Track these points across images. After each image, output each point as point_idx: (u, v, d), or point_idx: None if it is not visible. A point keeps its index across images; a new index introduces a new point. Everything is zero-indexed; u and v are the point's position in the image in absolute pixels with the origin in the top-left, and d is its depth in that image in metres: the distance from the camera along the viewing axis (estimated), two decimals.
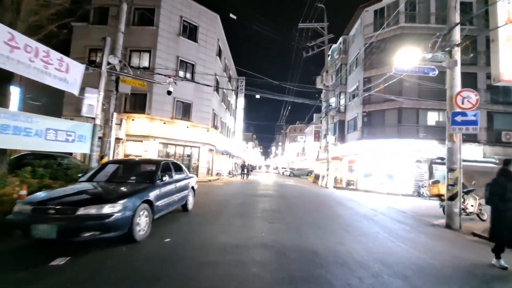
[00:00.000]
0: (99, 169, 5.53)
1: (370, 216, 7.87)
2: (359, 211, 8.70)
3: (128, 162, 6.43)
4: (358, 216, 7.80)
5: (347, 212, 8.42)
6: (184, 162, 19.53)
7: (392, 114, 17.97)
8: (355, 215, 7.96)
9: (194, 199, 7.58)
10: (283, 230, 5.34)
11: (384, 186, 17.41)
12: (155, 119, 17.67)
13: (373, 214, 8.36)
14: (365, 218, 7.46)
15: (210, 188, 13.49)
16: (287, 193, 12.99)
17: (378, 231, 5.90)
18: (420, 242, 5.44)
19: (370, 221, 7.15)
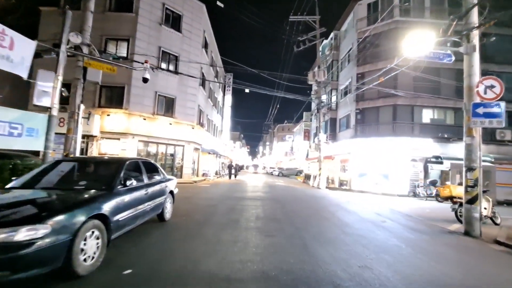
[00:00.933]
0: (42, 171, 4.14)
1: (379, 223, 6.86)
2: (364, 217, 7.69)
3: (82, 161, 5.04)
4: (366, 223, 6.77)
5: (351, 217, 7.38)
6: (167, 162, 18.04)
7: (386, 111, 17.29)
8: (362, 221, 6.92)
9: (174, 206, 6.30)
10: (286, 248, 4.17)
11: (379, 186, 16.67)
12: (134, 115, 16.08)
13: (380, 220, 7.37)
14: (375, 226, 6.44)
15: (195, 191, 12.16)
16: (280, 195, 11.87)
17: (398, 244, 4.86)
18: (450, 258, 4.46)
19: (382, 229, 6.13)
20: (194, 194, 10.61)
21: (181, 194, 10.38)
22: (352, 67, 19.76)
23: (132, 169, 4.47)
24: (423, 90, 16.87)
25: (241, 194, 11.47)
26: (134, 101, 16.14)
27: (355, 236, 5.14)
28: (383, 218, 7.69)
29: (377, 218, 7.55)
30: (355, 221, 6.94)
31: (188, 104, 18.95)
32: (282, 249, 4.08)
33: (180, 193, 10.84)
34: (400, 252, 4.41)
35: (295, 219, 6.64)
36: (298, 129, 47.19)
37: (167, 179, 5.77)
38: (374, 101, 17.67)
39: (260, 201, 9.57)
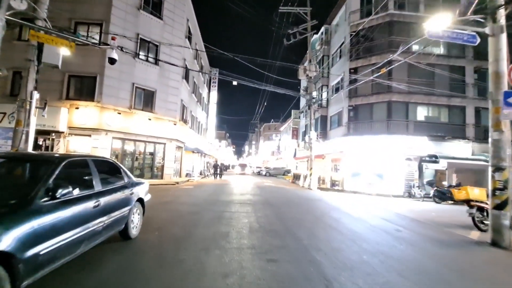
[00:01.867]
0: None
1: (394, 233, 5.82)
2: (374, 224, 6.65)
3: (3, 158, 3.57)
4: (381, 233, 5.71)
5: (360, 226, 6.31)
6: (146, 161, 16.42)
7: (380, 108, 16.56)
8: (375, 232, 5.86)
9: (148, 215, 4.96)
10: (298, 283, 2.96)
11: (373, 186, 15.90)
12: (108, 109, 14.36)
13: (393, 228, 6.34)
14: (393, 238, 5.38)
15: (176, 193, 10.74)
16: (272, 198, 10.69)
17: (437, 269, 3.79)
18: (498, 280, 3.44)
19: (403, 242, 5.08)
20: (175, 198, 9.20)
21: (159, 198, 8.97)
22: (344, 62, 18.93)
23: (75, 172, 3.11)
24: (418, 86, 16.28)
25: (229, 197, 10.18)
26: (107, 93, 14.41)
27: (380, 256, 4.02)
28: (394, 225, 6.68)
29: (388, 226, 6.52)
30: (367, 231, 5.86)
31: (170, 98, 17.38)
32: (294, 286, 2.86)
33: (158, 198, 9.42)
34: (441, 277, 3.33)
35: (297, 230, 5.46)
36: (286, 128, 46.38)
37: (133, 183, 4.40)
38: (368, 97, 16.90)
39: (251, 205, 8.34)
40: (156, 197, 9.42)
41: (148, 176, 16.31)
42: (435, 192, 13.37)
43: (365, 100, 16.97)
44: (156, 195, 10.42)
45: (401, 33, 16.53)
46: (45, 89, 14.29)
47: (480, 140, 16.22)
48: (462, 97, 16.52)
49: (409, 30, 16.66)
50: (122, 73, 14.99)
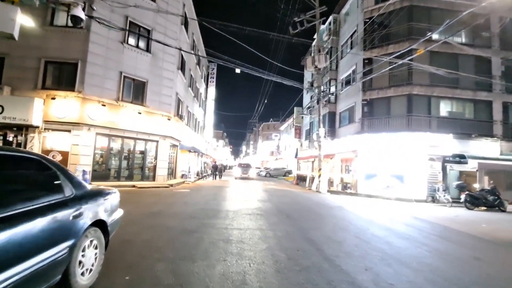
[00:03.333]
0: None
1: (471, 262, 4.06)
2: (439, 247, 4.88)
3: None
4: (460, 262, 3.94)
5: (425, 252, 4.54)
6: (136, 160, 14.52)
7: (399, 102, 14.87)
8: (446, 259, 4.09)
9: (121, 237, 3.15)
10: None
11: (391, 189, 14.19)
12: (91, 100, 12.45)
13: (466, 253, 4.59)
14: (476, 271, 3.62)
15: (169, 200, 8.89)
16: (284, 206, 8.89)
17: None
18: None
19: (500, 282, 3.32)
20: (166, 207, 7.36)
21: (146, 207, 7.13)
22: (356, 53, 17.23)
23: None
24: (440, 79, 14.63)
25: (233, 205, 8.36)
26: (90, 83, 12.50)
27: None
28: (467, 249, 4.93)
29: (460, 251, 4.77)
30: (441, 260, 4.09)
31: (164, 90, 15.50)
32: None
33: (144, 206, 7.54)
34: None
35: (347, 264, 3.64)
36: (286, 127, 44.69)
37: (83, 196, 2.57)
38: (385, 90, 15.21)
39: (263, 218, 6.52)
40: (143, 205, 7.61)
41: (138, 178, 14.41)
42: (466, 197, 11.69)
43: (382, 94, 15.28)
44: (143, 202, 8.55)
45: (422, 19, 14.89)
46: (17, 77, 12.35)
47: (508, 138, 14.62)
48: (488, 91, 14.91)
49: (430, 16, 15.04)
50: (108, 60, 13.10)
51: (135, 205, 7.38)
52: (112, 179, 13.41)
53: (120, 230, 3.67)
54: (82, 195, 2.55)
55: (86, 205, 2.53)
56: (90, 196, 2.67)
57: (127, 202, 7.95)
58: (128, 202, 7.88)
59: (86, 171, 12.08)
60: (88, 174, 12.16)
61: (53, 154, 12.38)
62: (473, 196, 11.67)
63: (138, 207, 7.16)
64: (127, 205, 7.47)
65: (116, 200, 3.27)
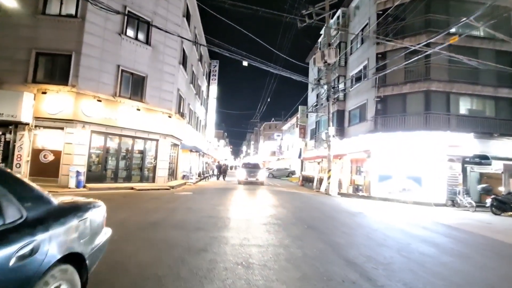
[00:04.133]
0: None
1: None
2: None
3: None
4: None
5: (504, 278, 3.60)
6: (134, 161, 13.59)
7: (416, 99, 13.94)
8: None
9: (108, 263, 2.22)
10: None
11: (408, 193, 13.26)
12: (86, 95, 11.51)
13: None
14: None
15: (170, 205, 7.95)
16: (301, 212, 7.94)
17: None
18: None
19: None
20: (167, 215, 6.40)
21: (144, 215, 6.17)
22: (368, 47, 16.31)
23: None
24: (460, 75, 13.72)
25: (243, 212, 7.41)
26: (86, 76, 11.56)
27: None
28: None
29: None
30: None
31: (164, 86, 14.55)
32: None
33: (142, 214, 6.34)
34: None
35: None
36: (289, 126, 43.77)
37: (46, 216, 1.64)
38: (400, 86, 14.27)
39: (283, 229, 5.57)
40: (141, 211, 6.66)
41: (136, 179, 13.47)
42: (493, 201, 10.77)
43: (397, 90, 14.34)
44: (141, 208, 7.47)
45: (440, 11, 13.96)
46: (5, 69, 11.31)
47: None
48: (510, 87, 13.97)
49: (449, 7, 14.11)
50: (105, 52, 12.15)
51: (131, 212, 6.44)
52: (108, 181, 12.47)
53: (111, 247, 2.74)
54: (41, 218, 1.61)
55: (46, 233, 1.59)
56: (55, 217, 1.73)
57: (123, 207, 7.04)
58: (124, 208, 6.94)
59: (80, 172, 11.15)
60: (82, 175, 11.22)
61: (45, 153, 11.45)
62: (500, 200, 10.76)
63: (135, 214, 6.22)
64: (122, 212, 6.46)
65: (99, 217, 2.33)
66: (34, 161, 11.14)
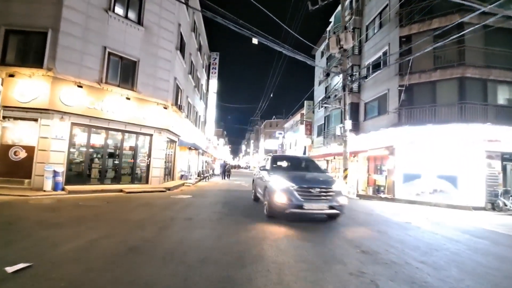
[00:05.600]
0: None
1: None
2: None
3: None
4: None
5: None
6: (124, 159, 11.77)
7: (448, 88, 12.20)
8: None
9: None
10: None
11: (440, 194, 11.54)
12: (65, 81, 9.67)
13: None
14: None
15: (163, 216, 6.15)
16: (338, 225, 6.18)
17: None
18: None
19: None
20: (158, 233, 4.59)
21: (127, 233, 4.20)
22: (389, 31, 14.55)
23: None
24: (498, 60, 12.00)
25: (262, 226, 5.63)
26: (65, 58, 9.72)
27: None
28: None
29: None
30: None
31: (160, 73, 12.73)
32: None
33: (125, 230, 4.24)
34: None
35: None
36: (291, 124, 41.99)
37: None
38: (429, 73, 12.52)
39: (333, 259, 3.80)
40: (122, 226, 4.67)
41: (127, 180, 11.66)
42: None
43: (425, 78, 12.58)
44: (125, 219, 5.36)
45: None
46: None
47: None
48: None
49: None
50: (89, 31, 10.32)
51: (110, 228, 4.63)
52: (93, 182, 10.65)
53: None
54: None
55: None
56: None
57: (98, 220, 5.16)
58: (100, 222, 5.12)
59: (58, 172, 9.34)
60: (60, 176, 9.42)
61: (15, 150, 9.57)
62: None
63: (113, 231, 4.43)
64: (94, 229, 4.40)
65: None
66: (2, 159, 9.29)
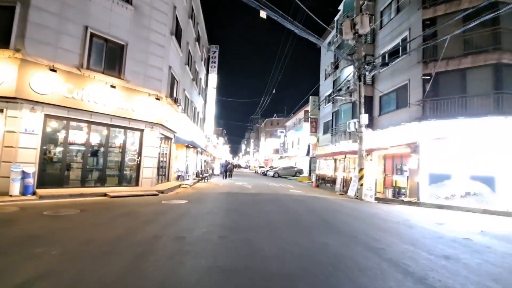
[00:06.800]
0: None
1: None
2: None
3: None
4: None
5: None
6: (110, 158, 10.23)
7: (481, 76, 10.69)
8: None
9: None
10: None
11: (475, 198, 10.03)
12: (37, 64, 8.12)
13: None
14: None
15: (145, 234, 4.64)
16: (389, 247, 4.67)
17: None
18: None
19: None
20: (128, 268, 3.08)
21: (83, 267, 2.58)
22: (409, 15, 13.04)
23: None
24: None
25: (279, 248, 4.13)
26: (37, 38, 8.17)
27: None
28: None
29: None
30: None
31: (151, 59, 11.18)
32: None
33: (80, 261, 2.65)
34: None
35: None
36: (293, 122, 40.46)
37: None
38: (458, 60, 11.00)
39: None
40: (80, 253, 2.85)
41: (113, 182, 10.12)
42: None
43: (453, 65, 11.07)
44: (87, 241, 3.72)
45: None
46: None
47: None
48: None
49: None
50: (67, 7, 8.77)
51: (59, 257, 3.10)
52: (73, 184, 9.10)
53: None
54: None
55: None
56: None
57: (55, 241, 3.58)
58: (56, 244, 3.56)
59: (28, 173, 7.83)
60: (31, 178, 7.88)
61: None
62: None
63: (60, 266, 2.90)
64: (39, 258, 2.92)
65: None
66: None
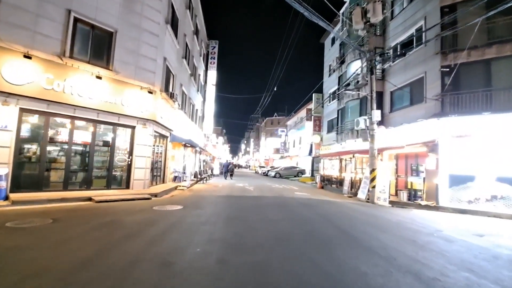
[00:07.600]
0: None
1: None
2: None
3: None
4: None
5: None
6: (97, 157, 9.20)
7: (508, 67, 9.69)
8: None
9: None
10: None
11: (502, 202, 9.04)
12: (11, 51, 7.10)
13: None
14: None
15: (113, 260, 3.62)
16: (412, 266, 3.67)
17: None
18: None
19: None
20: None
21: None
22: (424, 3, 12.05)
23: None
24: None
25: (294, 267, 3.10)
26: (10, 21, 7.16)
27: None
28: None
29: None
30: None
31: (144, 49, 10.16)
32: None
33: None
34: None
35: None
36: (295, 121, 39.48)
37: None
38: (481, 50, 10.02)
39: None
40: (38, 283, 2.23)
41: (100, 185, 9.10)
42: None
43: (476, 56, 10.08)
44: (43, 268, 1.86)
45: None
46: None
47: None
48: None
49: None
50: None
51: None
52: (54, 188, 8.09)
53: None
54: None
55: None
56: None
57: (1, 268, 2.67)
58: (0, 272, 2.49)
59: (1, 176, 6.83)
60: (4, 180, 6.89)
61: None
62: None
63: None
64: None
65: None
66: None
